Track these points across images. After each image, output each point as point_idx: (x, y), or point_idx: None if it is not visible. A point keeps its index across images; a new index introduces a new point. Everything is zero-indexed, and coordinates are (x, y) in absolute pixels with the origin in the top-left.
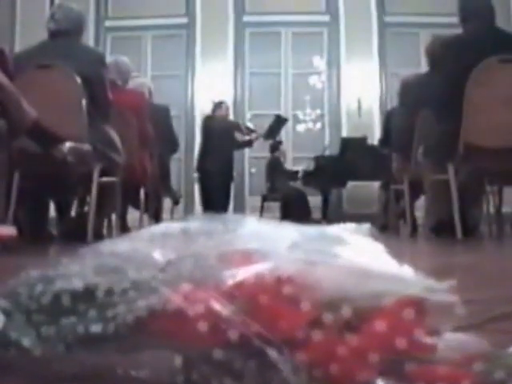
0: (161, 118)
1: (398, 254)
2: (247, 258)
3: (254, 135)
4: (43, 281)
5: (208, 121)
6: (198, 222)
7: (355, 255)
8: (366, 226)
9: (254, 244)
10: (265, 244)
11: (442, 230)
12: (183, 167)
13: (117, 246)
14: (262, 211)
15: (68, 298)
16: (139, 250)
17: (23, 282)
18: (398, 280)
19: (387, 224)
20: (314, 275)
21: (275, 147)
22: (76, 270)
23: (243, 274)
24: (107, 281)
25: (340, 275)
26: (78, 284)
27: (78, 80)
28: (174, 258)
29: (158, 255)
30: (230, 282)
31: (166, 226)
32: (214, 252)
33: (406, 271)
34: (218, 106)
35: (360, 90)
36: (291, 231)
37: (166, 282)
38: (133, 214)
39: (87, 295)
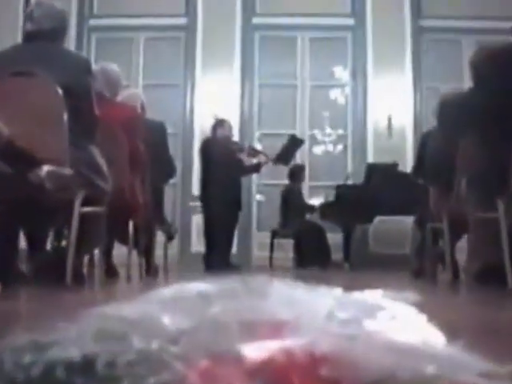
0: (155, 136)
1: (435, 308)
2: (275, 329)
3: (262, 158)
4: (33, 348)
5: (207, 144)
6: (217, 282)
7: (398, 328)
8: (409, 293)
9: (283, 312)
10: (296, 313)
11: (488, 277)
12: (179, 195)
13: (121, 309)
14: (271, 250)
15: (63, 369)
16: (147, 314)
17: (8, 347)
18: (450, 360)
19: (422, 269)
20: (353, 352)
21: (297, 174)
22: (73, 336)
23: (271, 348)
24: (109, 350)
25: (383, 353)
26: (74, 353)
27: (59, 91)
28: (189, 325)
29: (169, 322)
30: (255, 357)
31: (178, 288)
32: (235, 320)
33: (457, 348)
34: (220, 124)
35: (390, 106)
36: (326, 297)
37: (179, 355)
38: (120, 250)
39: (85, 367)
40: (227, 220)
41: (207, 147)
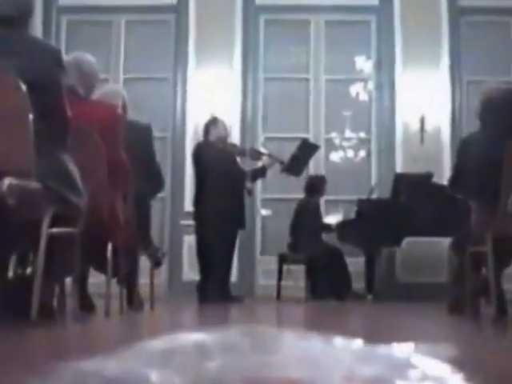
0: (140, 141)
1: (476, 361)
2: None
3: (266, 159)
4: None
5: (200, 149)
6: (216, 332)
7: None
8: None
9: (295, 370)
10: (309, 371)
11: None
12: (169, 211)
13: (101, 364)
14: (279, 278)
15: None
16: (132, 370)
17: None
18: None
19: (461, 301)
20: None
21: (316, 187)
22: None
23: None
24: None
25: None
26: None
27: (23, 87)
28: None
29: (157, 380)
30: None
31: (171, 339)
32: (237, 378)
33: None
34: (212, 123)
35: (423, 104)
36: (345, 352)
37: None
38: (96, 279)
39: None
40: (225, 241)
41: (200, 152)
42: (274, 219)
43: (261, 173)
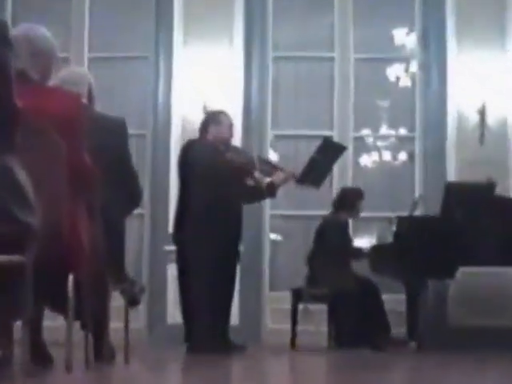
0: (110, 141)
1: None
2: None
3: (280, 174)
4: None
5: (190, 151)
6: None
7: None
8: None
9: None
10: None
11: None
12: (148, 233)
13: None
14: (294, 320)
15: None
16: None
17: None
18: None
19: None
20: None
21: (349, 201)
22: None
23: None
24: None
25: None
26: None
27: None
28: None
29: None
30: None
31: None
32: None
33: None
34: (215, 119)
35: (483, 92)
36: None
37: None
38: (54, 322)
39: None
40: (221, 274)
41: (190, 154)
42: (286, 244)
43: (270, 192)
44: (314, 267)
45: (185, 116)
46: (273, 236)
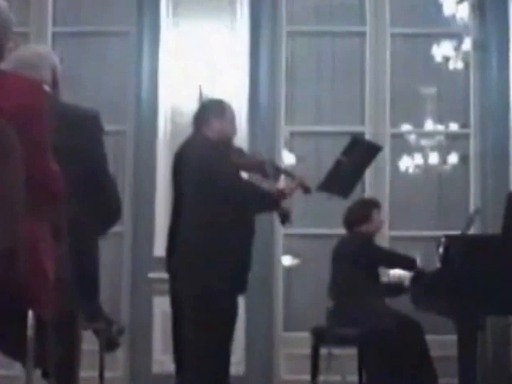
0: (80, 140)
1: None
2: None
3: (292, 184)
4: None
5: (187, 152)
6: None
7: None
8: None
9: None
10: None
11: None
12: (128, 258)
13: None
14: (314, 368)
15: None
16: None
17: None
18: None
19: None
20: None
21: (360, 214)
22: None
23: None
24: None
25: None
26: None
27: None
28: None
29: None
30: None
31: None
32: None
33: None
34: (217, 111)
35: None
36: None
37: None
38: (11, 371)
39: None
40: (220, 309)
41: (186, 159)
42: (304, 270)
43: (278, 205)
44: (339, 301)
45: (175, 107)
46: (287, 261)
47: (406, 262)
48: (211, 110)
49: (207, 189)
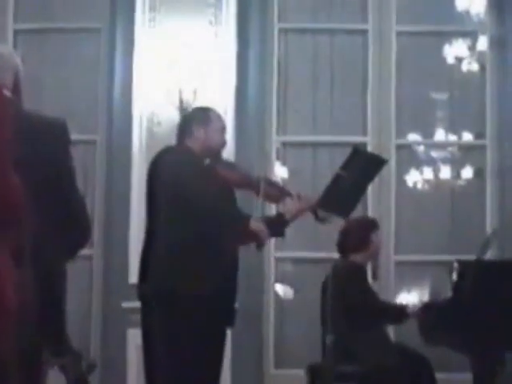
0: (45, 151)
1: None
2: None
3: (292, 203)
4: None
5: (165, 164)
6: None
7: None
8: None
9: None
10: None
11: None
12: (99, 285)
13: None
14: None
15: None
16: None
17: None
18: None
19: None
20: None
21: (356, 236)
22: None
23: None
24: None
25: None
26: None
27: None
28: None
29: None
30: None
31: None
32: None
33: None
34: (201, 118)
35: None
36: None
37: None
38: None
39: None
40: (203, 347)
41: (163, 172)
42: (299, 299)
43: (276, 228)
44: (338, 333)
45: (152, 114)
46: (279, 288)
47: (392, 314)
48: (195, 119)
49: (180, 208)
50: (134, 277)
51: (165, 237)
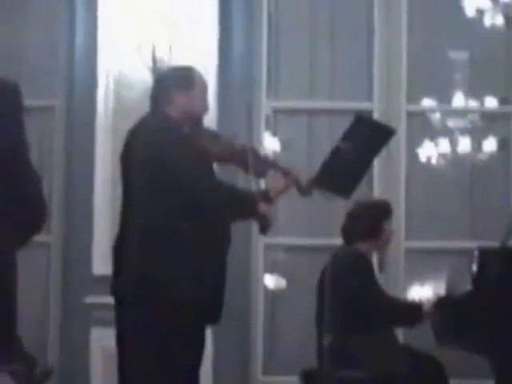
0: None
1: None
2: None
3: (282, 182)
4: None
5: (142, 135)
6: None
7: None
8: None
9: None
10: None
11: None
12: (57, 275)
13: None
14: None
15: None
16: None
17: None
18: None
19: None
20: None
21: (366, 222)
22: None
23: None
24: None
25: None
26: None
27: None
28: None
29: None
30: None
31: None
32: None
33: None
34: (181, 79)
35: None
36: None
37: None
38: None
39: None
40: (180, 345)
41: (135, 147)
42: (291, 293)
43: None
44: (335, 336)
45: (120, 76)
46: (269, 280)
47: (403, 314)
48: (174, 81)
49: (162, 184)
50: (98, 267)
51: (144, 222)
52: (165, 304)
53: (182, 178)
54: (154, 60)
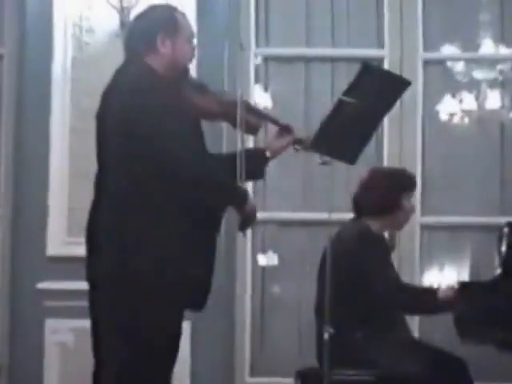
0: None
1: None
2: None
3: (276, 133)
4: None
5: (110, 96)
6: None
7: None
8: None
9: None
10: None
11: None
12: (6, 257)
13: None
14: None
15: None
16: None
17: None
18: None
19: None
20: None
21: (382, 195)
22: None
23: None
24: None
25: None
26: None
27: None
28: None
29: None
30: None
31: None
32: None
33: None
34: (164, 21)
35: None
36: None
37: None
38: None
39: None
40: (152, 333)
41: (109, 106)
42: (284, 279)
43: (254, 167)
44: (338, 326)
45: (80, 18)
46: (260, 261)
47: (418, 301)
48: (156, 24)
49: (138, 151)
50: (54, 247)
51: (116, 194)
52: (140, 286)
53: (162, 145)
54: None
